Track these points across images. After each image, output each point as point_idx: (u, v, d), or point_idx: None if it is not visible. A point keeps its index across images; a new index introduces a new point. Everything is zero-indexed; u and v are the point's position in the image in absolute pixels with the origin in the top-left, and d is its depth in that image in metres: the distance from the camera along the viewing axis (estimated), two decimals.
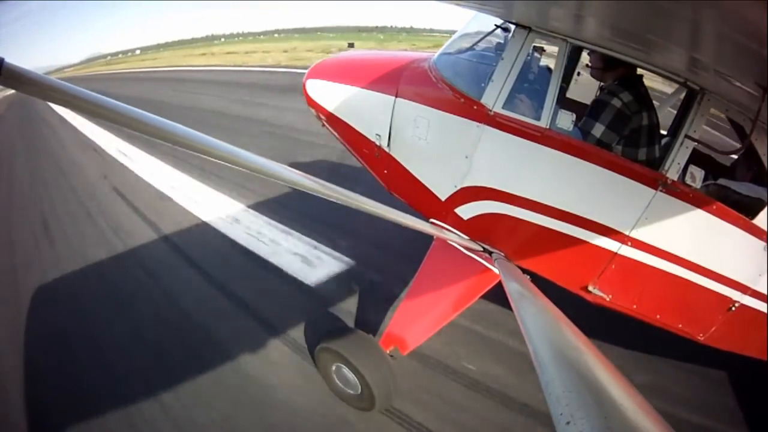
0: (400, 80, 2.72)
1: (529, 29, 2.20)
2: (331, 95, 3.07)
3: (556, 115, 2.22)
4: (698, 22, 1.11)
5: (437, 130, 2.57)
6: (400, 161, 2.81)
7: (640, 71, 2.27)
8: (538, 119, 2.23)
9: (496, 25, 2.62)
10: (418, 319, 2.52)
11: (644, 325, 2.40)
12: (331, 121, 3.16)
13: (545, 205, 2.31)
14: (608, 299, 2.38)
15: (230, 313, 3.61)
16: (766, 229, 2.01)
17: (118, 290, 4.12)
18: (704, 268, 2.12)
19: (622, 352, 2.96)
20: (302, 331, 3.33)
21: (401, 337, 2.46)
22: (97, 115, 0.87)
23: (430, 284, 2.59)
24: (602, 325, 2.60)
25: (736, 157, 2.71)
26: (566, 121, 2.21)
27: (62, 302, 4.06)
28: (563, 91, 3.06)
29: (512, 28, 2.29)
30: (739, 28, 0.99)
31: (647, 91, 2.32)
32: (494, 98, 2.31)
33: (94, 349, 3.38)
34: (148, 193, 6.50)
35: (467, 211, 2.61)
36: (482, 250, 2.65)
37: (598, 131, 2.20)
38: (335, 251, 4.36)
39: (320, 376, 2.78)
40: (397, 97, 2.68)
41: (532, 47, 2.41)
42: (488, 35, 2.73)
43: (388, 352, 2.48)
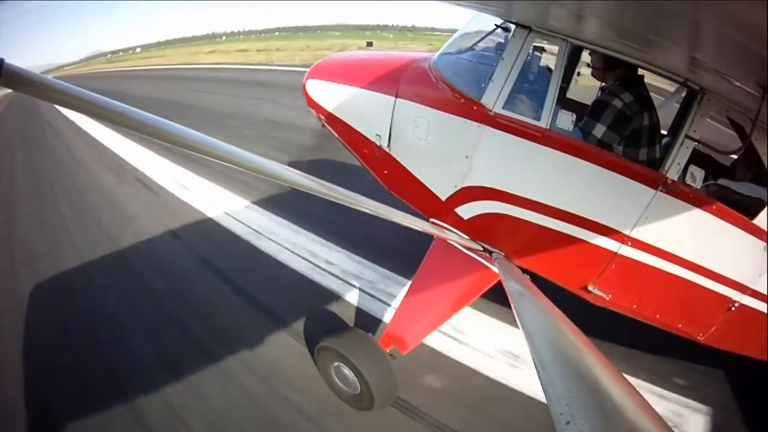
0: (400, 80, 2.72)
1: (529, 29, 2.20)
2: (331, 95, 3.07)
3: (556, 115, 2.22)
4: (699, 22, 1.11)
5: (437, 130, 2.57)
6: (400, 161, 2.81)
7: (640, 71, 2.27)
8: (538, 119, 2.23)
9: (496, 24, 2.62)
10: (417, 318, 2.52)
11: (644, 325, 2.40)
12: (331, 121, 3.16)
13: (545, 205, 2.32)
14: (608, 299, 2.39)
15: (235, 307, 3.66)
16: (766, 229, 2.01)
17: (118, 288, 4.13)
18: (704, 268, 2.12)
19: (622, 351, 2.95)
20: (304, 327, 3.34)
21: (401, 336, 2.46)
22: (97, 115, 0.87)
23: (430, 284, 2.59)
24: (602, 325, 2.59)
25: (736, 157, 2.70)
26: (566, 121, 2.21)
27: (62, 300, 4.06)
28: (563, 91, 3.05)
29: (512, 27, 2.28)
30: (739, 28, 0.99)
31: (648, 91, 2.32)
32: (494, 98, 2.31)
33: (96, 345, 3.40)
34: (148, 190, 6.52)
35: (467, 210, 2.61)
36: (482, 249, 2.65)
37: (599, 132, 2.20)
38: (338, 248, 4.37)
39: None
40: (397, 97, 2.68)
41: (532, 47, 2.41)
42: (488, 35, 2.73)
43: (387, 351, 2.48)
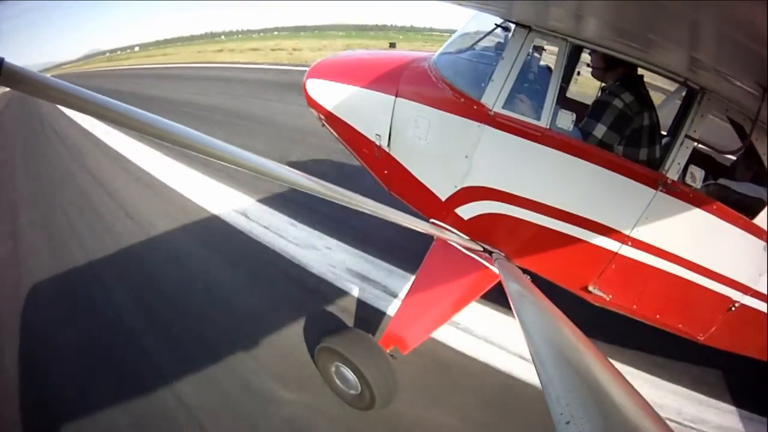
0: (400, 80, 2.72)
1: (529, 29, 2.20)
2: (331, 95, 3.07)
3: (556, 115, 2.22)
4: (698, 22, 1.11)
5: (437, 130, 2.57)
6: (400, 161, 2.81)
7: (640, 71, 2.27)
8: (538, 119, 2.23)
9: (496, 24, 2.62)
10: (418, 318, 2.51)
11: (644, 324, 2.40)
12: (330, 120, 3.16)
13: (545, 205, 2.31)
14: (608, 299, 2.39)
15: (235, 307, 3.66)
16: (766, 229, 2.01)
17: (119, 285, 4.12)
18: (704, 268, 2.12)
19: (622, 351, 2.96)
20: (304, 327, 3.34)
21: (401, 336, 2.45)
22: (97, 115, 0.87)
23: (430, 284, 2.59)
24: (602, 324, 2.60)
25: (735, 157, 2.70)
26: (566, 121, 2.20)
27: (63, 297, 4.05)
28: (563, 91, 3.06)
29: (512, 27, 2.28)
30: (739, 28, 0.99)
31: (648, 91, 2.32)
32: (494, 98, 2.31)
33: (96, 344, 3.38)
34: (147, 186, 6.52)
35: (467, 211, 2.61)
36: (482, 250, 2.65)
37: (600, 132, 2.20)
38: (340, 246, 4.37)
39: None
40: (397, 97, 2.68)
41: (532, 47, 2.40)
42: (488, 35, 2.73)
43: (388, 351, 2.48)
